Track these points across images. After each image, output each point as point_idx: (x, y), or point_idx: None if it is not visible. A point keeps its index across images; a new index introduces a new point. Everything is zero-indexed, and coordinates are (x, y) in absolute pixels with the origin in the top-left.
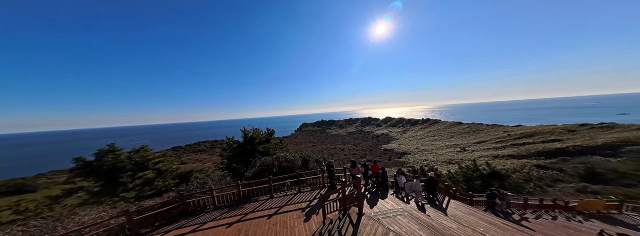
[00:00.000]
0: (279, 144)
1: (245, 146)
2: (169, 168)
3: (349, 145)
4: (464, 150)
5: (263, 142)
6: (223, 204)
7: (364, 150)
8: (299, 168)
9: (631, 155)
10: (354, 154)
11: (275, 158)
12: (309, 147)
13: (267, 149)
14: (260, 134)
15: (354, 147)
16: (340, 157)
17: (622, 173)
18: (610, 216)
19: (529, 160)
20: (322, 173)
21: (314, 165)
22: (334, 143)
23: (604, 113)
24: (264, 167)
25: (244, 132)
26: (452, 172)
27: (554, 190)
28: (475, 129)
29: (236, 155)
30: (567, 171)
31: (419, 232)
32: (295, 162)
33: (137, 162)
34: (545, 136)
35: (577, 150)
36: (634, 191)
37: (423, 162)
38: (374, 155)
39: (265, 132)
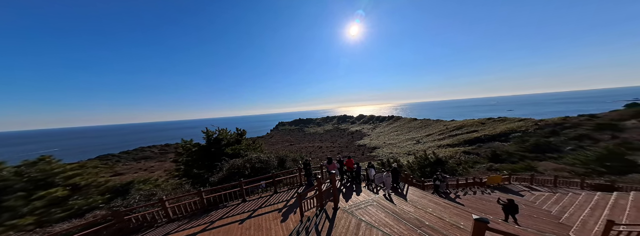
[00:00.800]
0: (252, 145)
1: (209, 149)
2: (93, 182)
3: (327, 142)
4: (418, 142)
5: (232, 143)
6: (181, 215)
7: (341, 147)
8: (274, 168)
9: (515, 139)
10: (332, 151)
11: (247, 160)
12: (286, 146)
13: (237, 151)
14: (229, 135)
15: (332, 144)
16: (318, 154)
17: (511, 154)
18: (505, 187)
19: (459, 147)
20: (300, 172)
21: (291, 164)
22: (312, 142)
23: (499, 109)
24: (233, 170)
25: (207, 133)
26: (410, 161)
27: (474, 170)
28: (425, 124)
29: (196, 160)
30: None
31: (385, 219)
32: (271, 163)
33: (34, 179)
34: (468, 128)
35: (486, 138)
36: (517, 166)
37: (389, 155)
38: (349, 151)
39: (234, 133)
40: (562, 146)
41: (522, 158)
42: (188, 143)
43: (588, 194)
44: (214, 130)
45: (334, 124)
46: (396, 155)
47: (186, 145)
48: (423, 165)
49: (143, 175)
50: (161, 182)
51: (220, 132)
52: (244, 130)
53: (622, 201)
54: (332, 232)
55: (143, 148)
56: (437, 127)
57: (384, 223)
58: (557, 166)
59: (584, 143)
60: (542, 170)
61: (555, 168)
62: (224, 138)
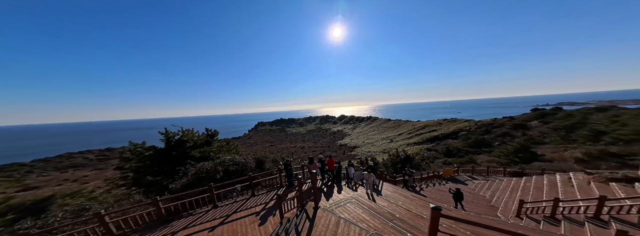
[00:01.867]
0: (226, 146)
1: (169, 152)
2: None
3: (309, 142)
4: (392, 141)
5: (200, 145)
6: (129, 229)
7: (323, 147)
8: (252, 170)
9: (463, 137)
10: (314, 151)
11: (219, 163)
12: (266, 147)
13: (206, 153)
14: (195, 136)
15: (314, 144)
16: (300, 155)
17: (459, 149)
18: (455, 178)
19: (423, 145)
20: (280, 173)
21: (270, 165)
22: (294, 142)
23: (452, 112)
24: (201, 175)
25: (166, 134)
26: (385, 159)
27: (434, 164)
28: (397, 124)
29: (151, 165)
30: (438, 150)
31: (362, 215)
32: (247, 165)
33: None
34: (430, 127)
35: (442, 136)
36: (463, 160)
37: (367, 153)
38: (331, 151)
39: (203, 134)
40: (492, 142)
41: (467, 153)
42: (139, 146)
43: (508, 180)
44: (176, 130)
45: (316, 124)
46: (373, 153)
47: (136, 149)
48: (395, 162)
49: (71, 187)
50: (99, 194)
51: (185, 132)
52: (216, 131)
53: (528, 183)
54: (312, 231)
55: (72, 155)
56: (406, 127)
57: (361, 218)
58: (489, 158)
59: (505, 139)
60: (480, 162)
61: (488, 160)
62: (189, 139)
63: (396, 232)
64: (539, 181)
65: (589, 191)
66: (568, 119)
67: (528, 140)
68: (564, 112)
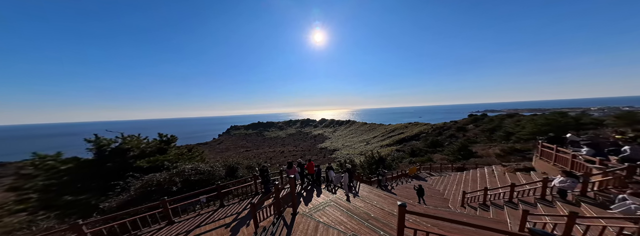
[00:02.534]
0: (187, 154)
1: (103, 164)
2: None
3: (289, 146)
4: (368, 143)
5: (150, 153)
6: None
7: (304, 150)
8: (221, 179)
9: (423, 138)
10: (294, 155)
11: (177, 173)
12: (241, 152)
13: (158, 163)
14: (144, 143)
15: (294, 148)
16: (279, 159)
17: (420, 149)
18: (418, 175)
19: (394, 146)
20: (255, 180)
21: (244, 172)
22: (272, 146)
23: (414, 116)
24: (150, 188)
25: (97, 142)
26: (361, 161)
27: (402, 164)
28: (372, 127)
29: (71, 182)
30: (405, 151)
31: (340, 217)
32: (215, 173)
33: None
34: (398, 130)
35: (408, 138)
36: (423, 159)
37: (346, 156)
38: (312, 154)
39: (155, 140)
40: (444, 142)
41: (426, 152)
42: (50, 158)
43: (454, 174)
44: (113, 137)
45: (297, 128)
46: (352, 155)
47: (44, 163)
48: (371, 163)
49: None
50: None
51: (127, 139)
52: (173, 136)
53: (468, 177)
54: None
55: None
56: (380, 130)
57: (339, 221)
58: (442, 156)
59: (452, 140)
60: (435, 160)
61: (441, 158)
62: (133, 147)
63: (371, 231)
64: (474, 174)
65: (505, 180)
66: (490, 123)
67: (466, 140)
68: (488, 117)
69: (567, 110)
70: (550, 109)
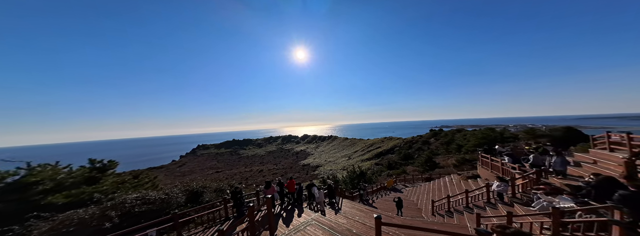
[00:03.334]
0: (130, 181)
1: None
2: None
3: (269, 164)
4: (350, 158)
5: (70, 186)
6: None
7: (285, 168)
8: (180, 206)
9: (397, 152)
10: (274, 174)
11: (112, 206)
12: (210, 174)
13: (84, 196)
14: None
15: (275, 166)
16: (257, 179)
17: (396, 162)
18: (395, 188)
19: (373, 160)
20: (226, 203)
21: (212, 196)
22: (249, 165)
23: (389, 131)
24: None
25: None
26: (344, 176)
27: (381, 177)
28: (353, 143)
29: None
30: (383, 164)
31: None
32: (171, 200)
33: None
34: (376, 144)
35: (385, 151)
36: (398, 171)
37: (329, 172)
38: (294, 172)
39: (82, 168)
40: (414, 154)
41: (400, 165)
42: None
43: (425, 184)
44: (14, 168)
45: (278, 145)
46: (335, 171)
47: None
48: (353, 178)
49: None
50: None
51: (34, 170)
52: (112, 162)
53: (434, 186)
54: None
55: None
56: (360, 145)
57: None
58: (413, 168)
59: (420, 152)
60: (408, 171)
61: (413, 170)
62: (43, 180)
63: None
64: (439, 183)
65: (461, 187)
66: (446, 137)
67: (430, 152)
68: (444, 132)
69: (493, 126)
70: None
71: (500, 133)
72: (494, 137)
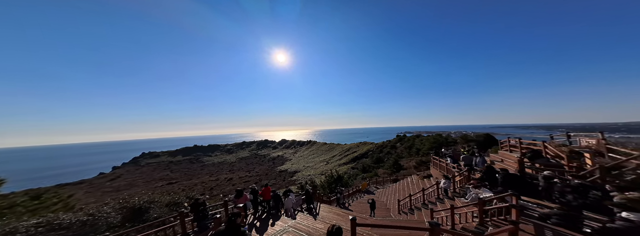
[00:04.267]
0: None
1: None
2: None
3: (241, 172)
4: (328, 163)
5: None
6: None
7: (260, 175)
8: (112, 228)
9: (370, 156)
10: (247, 181)
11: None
12: (159, 186)
13: None
14: None
15: (247, 173)
16: (225, 188)
17: (369, 165)
18: (368, 190)
19: (350, 164)
20: (183, 218)
21: (163, 211)
22: (215, 174)
23: (363, 136)
24: None
25: None
26: (322, 181)
27: (356, 181)
28: (331, 147)
29: None
30: (358, 168)
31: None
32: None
33: None
34: (353, 149)
35: (360, 156)
36: (371, 174)
37: (307, 177)
38: (270, 179)
39: None
40: (384, 158)
41: (373, 168)
42: None
43: (392, 185)
44: None
45: (252, 150)
46: (313, 176)
47: None
48: (330, 182)
49: None
50: None
51: None
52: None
53: (400, 186)
54: None
55: None
56: (338, 150)
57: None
58: (384, 171)
59: (388, 156)
60: (380, 174)
61: (383, 172)
62: None
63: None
64: (403, 184)
65: (419, 186)
66: (408, 142)
67: (397, 156)
68: (407, 137)
69: (441, 133)
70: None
71: (446, 139)
72: (441, 142)
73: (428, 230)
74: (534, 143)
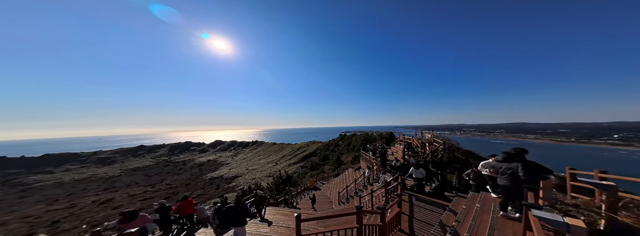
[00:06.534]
0: None
1: None
2: None
3: (134, 187)
4: (276, 164)
5: None
6: None
7: (174, 188)
8: None
9: (318, 154)
10: (148, 199)
11: None
12: None
13: None
14: None
15: (150, 188)
16: (98, 215)
17: (317, 163)
18: (316, 186)
19: (299, 163)
20: None
21: None
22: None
23: (313, 135)
24: None
25: None
26: (269, 183)
27: (305, 179)
28: (281, 147)
29: None
30: (307, 167)
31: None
32: None
33: None
34: (303, 148)
35: (309, 154)
36: (318, 171)
37: (252, 181)
38: (195, 189)
39: None
40: (330, 155)
41: (320, 165)
42: None
43: (335, 179)
44: None
45: (158, 156)
46: (259, 179)
47: None
48: (278, 184)
49: None
50: None
51: None
52: None
53: (339, 180)
54: None
55: None
56: (288, 149)
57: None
58: (329, 167)
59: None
60: (325, 171)
61: (328, 168)
62: None
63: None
64: (343, 177)
65: (353, 177)
66: (348, 140)
67: (339, 153)
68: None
69: (368, 131)
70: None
71: (371, 136)
72: (368, 139)
73: (355, 213)
74: (409, 138)
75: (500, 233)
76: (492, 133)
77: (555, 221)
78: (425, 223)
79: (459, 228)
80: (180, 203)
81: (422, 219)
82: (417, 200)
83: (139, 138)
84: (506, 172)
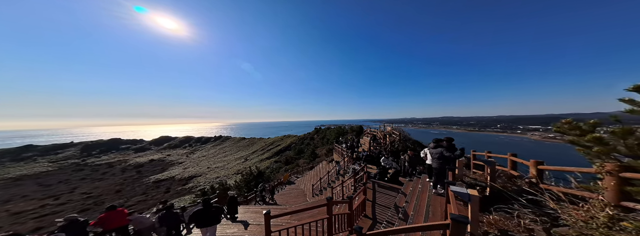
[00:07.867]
0: None
1: None
2: None
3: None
4: (247, 160)
5: None
6: None
7: (95, 197)
8: None
9: (293, 148)
10: (43, 217)
11: None
12: None
13: None
14: None
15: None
16: None
17: (292, 157)
18: (290, 181)
19: (273, 158)
20: None
21: None
22: None
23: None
24: None
25: None
26: (238, 181)
27: (279, 174)
28: (252, 142)
29: None
30: (282, 161)
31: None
32: None
33: None
34: (277, 143)
35: (284, 149)
36: (293, 165)
37: (215, 180)
38: (131, 195)
39: None
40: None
41: (294, 159)
42: None
43: (308, 173)
44: None
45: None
46: (224, 178)
47: None
48: (249, 181)
49: None
50: None
51: None
52: None
53: (314, 172)
54: None
55: None
56: (260, 144)
57: None
58: (304, 161)
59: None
60: (300, 164)
61: (303, 162)
62: None
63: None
64: (317, 170)
65: (327, 170)
66: (323, 133)
67: (314, 146)
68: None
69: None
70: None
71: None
72: (341, 132)
73: (325, 205)
74: (374, 131)
75: (433, 208)
76: (431, 125)
77: (463, 193)
78: (385, 207)
79: (408, 208)
80: (105, 214)
81: (382, 203)
82: (379, 186)
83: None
84: (434, 156)
